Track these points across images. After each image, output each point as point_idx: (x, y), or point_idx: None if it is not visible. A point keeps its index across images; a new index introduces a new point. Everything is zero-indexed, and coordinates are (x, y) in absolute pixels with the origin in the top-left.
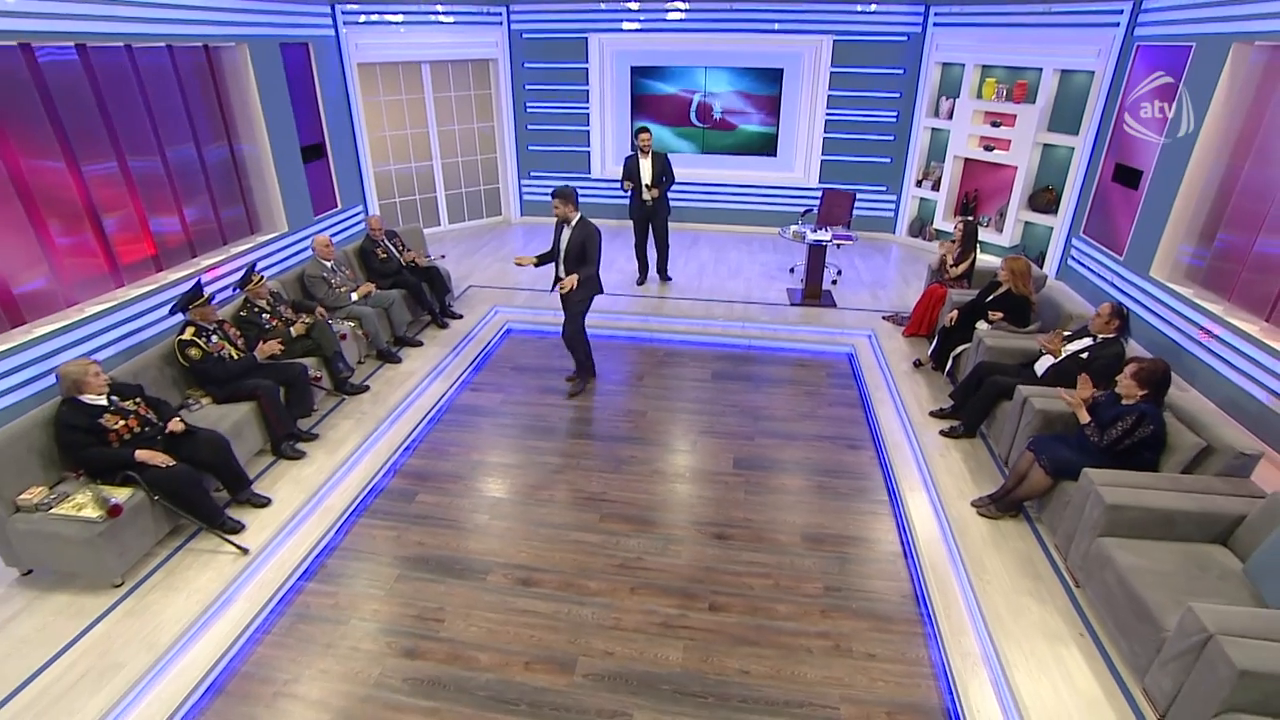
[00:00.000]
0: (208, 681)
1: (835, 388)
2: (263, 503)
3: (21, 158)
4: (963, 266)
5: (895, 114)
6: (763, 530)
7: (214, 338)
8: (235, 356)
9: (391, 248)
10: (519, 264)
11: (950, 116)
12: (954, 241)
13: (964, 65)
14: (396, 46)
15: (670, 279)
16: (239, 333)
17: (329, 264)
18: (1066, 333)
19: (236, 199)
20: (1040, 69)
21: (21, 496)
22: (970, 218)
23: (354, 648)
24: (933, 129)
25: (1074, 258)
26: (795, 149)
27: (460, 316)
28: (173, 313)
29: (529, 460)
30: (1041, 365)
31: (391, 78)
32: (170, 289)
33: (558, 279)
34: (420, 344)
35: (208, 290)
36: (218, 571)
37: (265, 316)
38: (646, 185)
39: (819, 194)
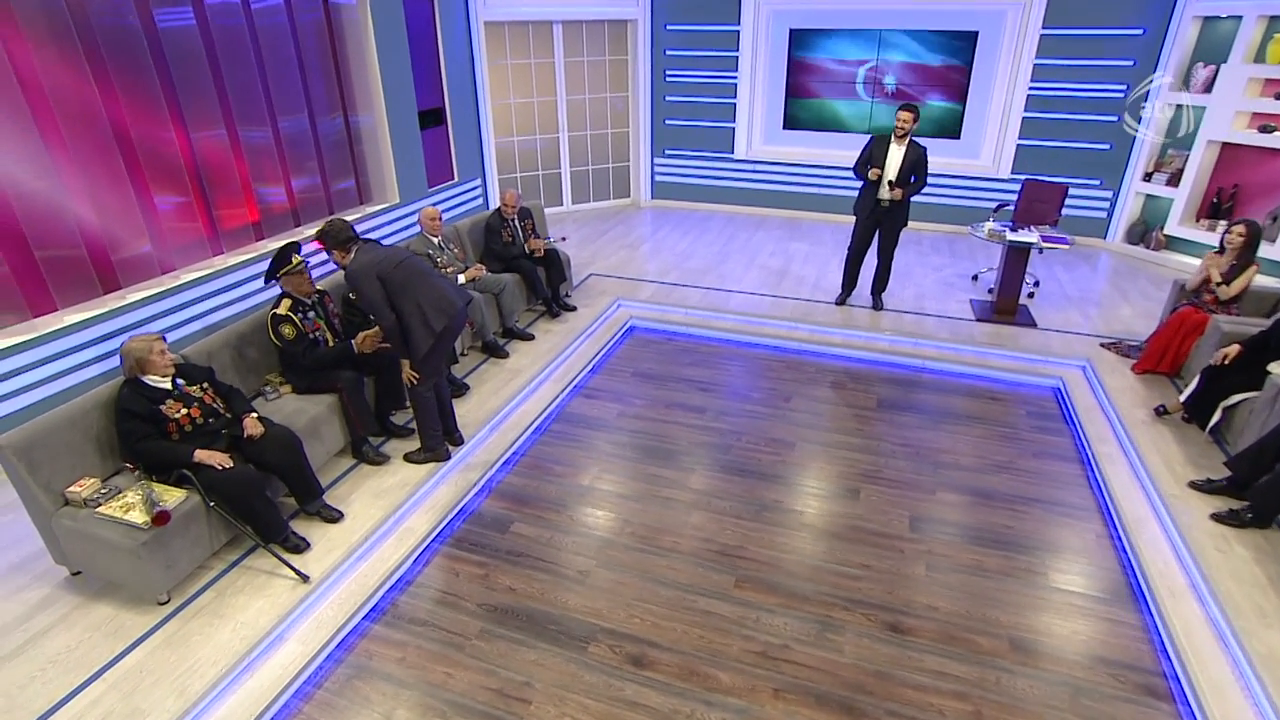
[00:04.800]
0: None
1: (1039, 432)
2: (334, 517)
3: (130, 111)
4: (1239, 285)
5: (1124, 87)
6: (955, 626)
7: (311, 314)
8: (330, 341)
9: (520, 230)
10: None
11: (1208, 89)
12: (1221, 252)
13: (1240, 18)
14: (528, 3)
15: (883, 307)
16: (338, 311)
17: (436, 240)
18: None
19: (347, 163)
20: None
21: (70, 489)
22: (1253, 220)
23: None
24: (1177, 106)
25: None
26: (985, 131)
27: (574, 309)
28: (266, 282)
29: (648, 492)
30: None
31: (520, 38)
32: (268, 259)
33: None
34: (531, 338)
35: (305, 261)
36: (271, 600)
37: None
38: (890, 181)
39: (1016, 186)
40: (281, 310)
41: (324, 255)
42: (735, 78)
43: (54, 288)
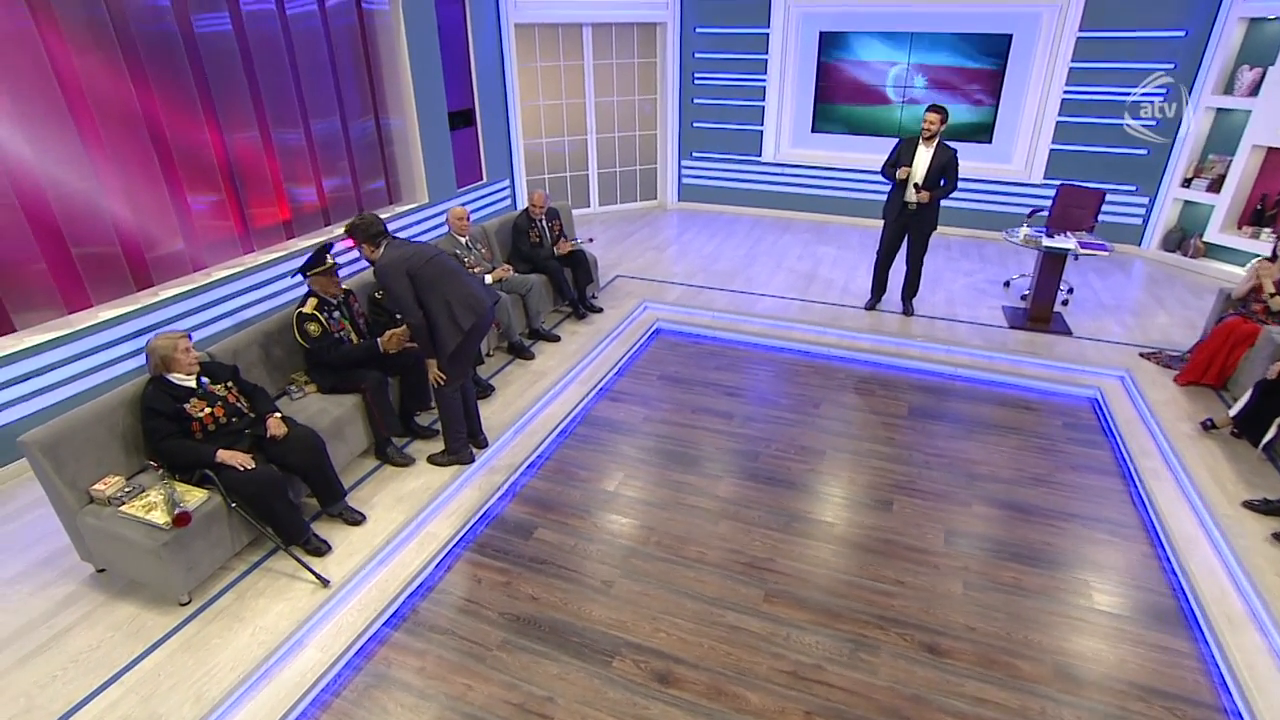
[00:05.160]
0: None
1: (1076, 444)
2: (356, 519)
3: (167, 113)
4: None
5: (1163, 90)
6: (995, 649)
7: (336, 314)
8: (354, 341)
9: (547, 231)
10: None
11: (1254, 92)
12: (1273, 259)
13: None
14: (558, 5)
15: (913, 313)
16: (363, 311)
17: (464, 240)
18: None
19: (378, 164)
20: None
21: (95, 486)
22: None
23: None
24: (1219, 110)
25: None
26: (1017, 136)
27: (600, 310)
28: (294, 275)
29: (674, 499)
30: None
31: (549, 41)
32: (297, 257)
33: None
34: (557, 339)
35: (338, 259)
36: (291, 604)
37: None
38: (916, 184)
39: (1049, 191)
40: (307, 309)
41: (354, 254)
42: (764, 81)
43: (89, 284)
